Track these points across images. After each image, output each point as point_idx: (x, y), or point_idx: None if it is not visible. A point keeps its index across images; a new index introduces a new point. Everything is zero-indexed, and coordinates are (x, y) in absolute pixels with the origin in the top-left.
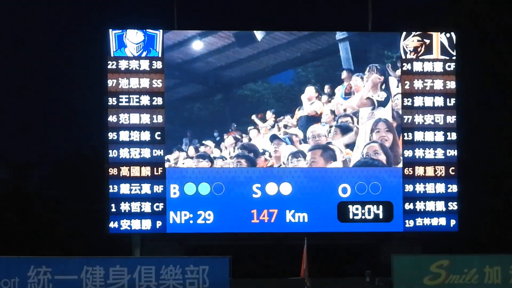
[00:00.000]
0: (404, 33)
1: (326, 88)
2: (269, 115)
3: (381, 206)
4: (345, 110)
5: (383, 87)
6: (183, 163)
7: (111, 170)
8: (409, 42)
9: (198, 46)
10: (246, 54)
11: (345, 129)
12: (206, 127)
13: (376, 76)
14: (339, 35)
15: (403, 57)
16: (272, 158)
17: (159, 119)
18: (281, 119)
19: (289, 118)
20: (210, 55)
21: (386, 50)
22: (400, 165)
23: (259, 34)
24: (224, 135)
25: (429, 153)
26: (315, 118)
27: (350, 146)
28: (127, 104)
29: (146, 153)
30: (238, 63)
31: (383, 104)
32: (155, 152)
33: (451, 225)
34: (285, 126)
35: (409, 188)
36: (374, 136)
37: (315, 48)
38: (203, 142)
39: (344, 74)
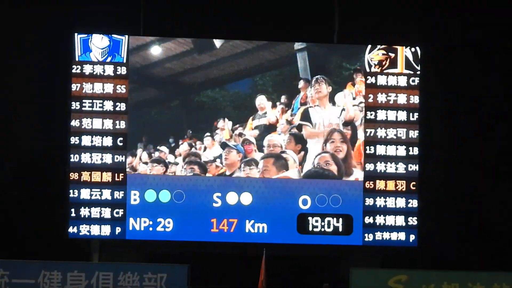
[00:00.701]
0: (369, 46)
1: (283, 98)
2: (225, 123)
3: (340, 219)
4: (300, 119)
5: (337, 98)
6: (137, 168)
7: (72, 174)
8: (373, 55)
9: (156, 51)
10: (205, 61)
11: (299, 139)
12: (162, 133)
13: (325, 87)
14: (297, 45)
15: (368, 70)
16: (223, 165)
17: (122, 125)
18: (237, 127)
19: (244, 126)
20: (168, 61)
21: (344, 62)
22: (353, 178)
23: (218, 42)
24: (179, 141)
25: (391, 167)
26: (271, 127)
27: (303, 155)
28: (90, 109)
29: (107, 158)
30: (196, 70)
31: (337, 114)
32: (117, 158)
33: (411, 240)
34: (240, 134)
35: (369, 201)
36: (328, 146)
37: (273, 57)
38: (158, 147)
39: (301, 84)
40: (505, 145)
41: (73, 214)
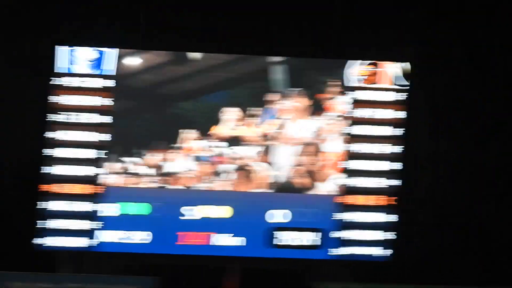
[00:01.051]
0: (356, 61)
1: (257, 110)
2: (198, 134)
3: (312, 233)
4: (274, 131)
5: (314, 111)
6: (110, 179)
7: (47, 186)
8: (361, 70)
9: (132, 62)
10: (180, 72)
11: (270, 151)
12: (135, 144)
13: (303, 100)
14: (275, 57)
15: (354, 84)
16: (194, 177)
17: (105, 137)
18: (209, 139)
19: (216, 138)
20: (143, 72)
21: (322, 76)
22: (325, 191)
23: (194, 53)
24: (151, 152)
25: (371, 182)
26: (243, 139)
27: (276, 168)
28: (74, 121)
29: (85, 170)
30: (171, 81)
31: (313, 127)
32: (95, 170)
33: (385, 255)
34: (212, 146)
35: (345, 216)
36: (302, 159)
37: (250, 69)
38: (131, 158)
39: (276, 97)
40: (492, 161)
41: (46, 226)
